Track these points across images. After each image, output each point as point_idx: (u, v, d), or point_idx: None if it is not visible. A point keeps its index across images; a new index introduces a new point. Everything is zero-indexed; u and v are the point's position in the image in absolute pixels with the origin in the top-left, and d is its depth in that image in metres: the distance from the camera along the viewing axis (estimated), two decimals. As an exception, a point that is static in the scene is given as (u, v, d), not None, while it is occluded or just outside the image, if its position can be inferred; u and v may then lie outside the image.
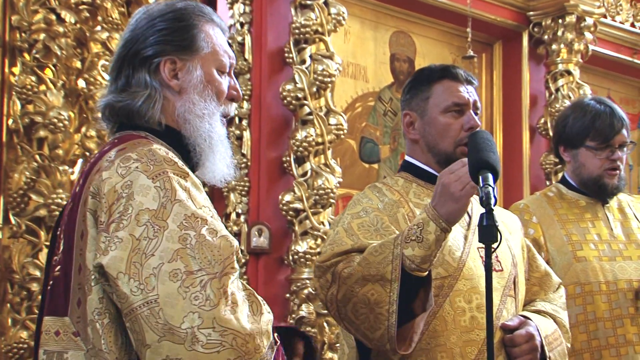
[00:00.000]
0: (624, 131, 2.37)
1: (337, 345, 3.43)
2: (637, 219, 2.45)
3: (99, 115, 1.52)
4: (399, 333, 1.69)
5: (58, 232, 1.46)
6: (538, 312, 1.96)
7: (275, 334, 1.35)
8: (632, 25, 5.25)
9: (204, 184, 1.43)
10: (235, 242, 1.33)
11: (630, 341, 2.27)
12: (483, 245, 1.81)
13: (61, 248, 1.40)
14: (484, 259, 1.83)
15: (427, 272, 1.70)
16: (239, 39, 3.73)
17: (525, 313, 1.92)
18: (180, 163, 1.37)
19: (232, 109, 1.55)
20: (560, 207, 2.43)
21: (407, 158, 2.02)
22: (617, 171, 2.37)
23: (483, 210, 1.94)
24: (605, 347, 2.27)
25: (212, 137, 1.46)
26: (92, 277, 1.31)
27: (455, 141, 1.90)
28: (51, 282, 1.42)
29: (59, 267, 1.40)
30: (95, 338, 1.31)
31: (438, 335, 1.78)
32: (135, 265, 1.26)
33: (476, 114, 1.94)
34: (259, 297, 1.34)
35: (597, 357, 2.27)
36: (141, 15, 1.50)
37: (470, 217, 1.91)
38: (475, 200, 1.98)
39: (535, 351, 1.82)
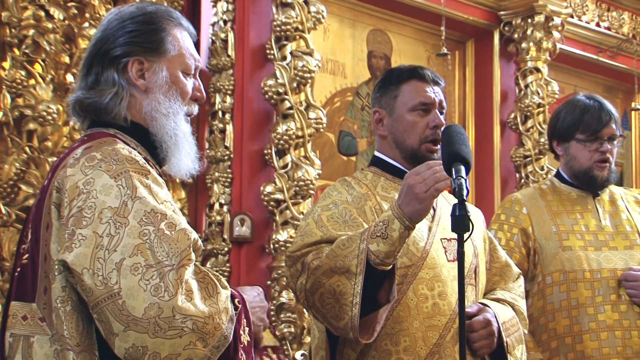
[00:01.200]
0: (613, 124, 2.39)
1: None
2: (628, 210, 2.48)
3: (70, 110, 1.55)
4: (362, 322, 1.72)
5: (27, 222, 1.49)
6: (497, 300, 2.00)
7: (236, 300, 1.40)
8: (598, 25, 5.26)
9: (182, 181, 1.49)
10: (193, 235, 1.36)
11: (610, 326, 2.31)
12: (446, 237, 1.91)
13: (29, 237, 1.44)
14: (446, 249, 1.90)
15: (391, 266, 1.73)
16: (222, 36, 3.71)
17: (484, 301, 1.97)
18: (142, 161, 1.40)
19: (196, 109, 1.58)
20: (552, 200, 2.46)
21: (376, 153, 2.06)
22: (607, 164, 2.39)
23: (448, 203, 2.00)
24: (587, 332, 2.32)
25: (177, 134, 1.50)
26: (56, 267, 1.35)
27: (420, 138, 1.94)
28: (19, 270, 1.45)
29: (27, 255, 1.43)
30: (58, 324, 1.35)
31: (402, 320, 1.83)
32: (99, 261, 1.29)
33: (442, 113, 1.98)
34: (214, 277, 1.37)
35: (578, 341, 2.32)
36: (113, 16, 1.53)
37: (434, 210, 1.96)
38: (440, 194, 2.11)
39: (492, 336, 1.87)
